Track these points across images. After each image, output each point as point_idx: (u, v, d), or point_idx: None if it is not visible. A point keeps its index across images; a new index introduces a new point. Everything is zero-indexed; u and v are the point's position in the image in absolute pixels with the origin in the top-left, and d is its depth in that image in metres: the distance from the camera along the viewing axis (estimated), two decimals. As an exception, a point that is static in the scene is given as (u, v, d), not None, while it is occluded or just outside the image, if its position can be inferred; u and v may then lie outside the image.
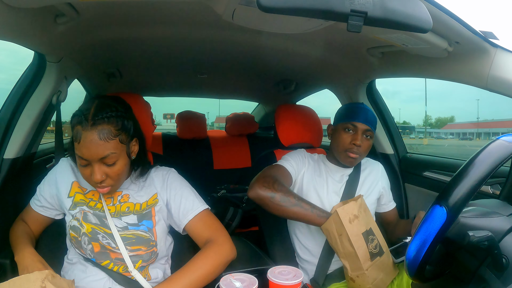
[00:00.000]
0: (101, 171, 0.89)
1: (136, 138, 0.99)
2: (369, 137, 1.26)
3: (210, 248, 0.96)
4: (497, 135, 0.79)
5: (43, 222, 1.09)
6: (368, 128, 1.24)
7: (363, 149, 1.25)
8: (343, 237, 1.02)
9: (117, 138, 0.90)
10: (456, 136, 50.60)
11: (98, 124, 0.87)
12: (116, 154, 0.90)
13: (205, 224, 1.02)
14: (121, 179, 0.97)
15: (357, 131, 1.24)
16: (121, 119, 0.92)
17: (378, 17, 0.65)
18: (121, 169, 0.92)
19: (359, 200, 1.10)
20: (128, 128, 0.94)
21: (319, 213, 1.07)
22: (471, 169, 0.72)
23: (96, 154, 0.87)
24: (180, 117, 2.38)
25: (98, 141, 0.86)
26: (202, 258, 0.94)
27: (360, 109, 1.27)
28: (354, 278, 1.03)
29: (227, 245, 0.98)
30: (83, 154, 0.87)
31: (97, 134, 0.86)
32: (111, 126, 0.89)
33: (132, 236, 0.98)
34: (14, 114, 1.15)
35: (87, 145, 0.86)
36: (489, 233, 0.68)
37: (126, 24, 1.15)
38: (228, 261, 0.97)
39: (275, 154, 1.52)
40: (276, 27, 1.00)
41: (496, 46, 0.98)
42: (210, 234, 1.00)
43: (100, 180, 0.89)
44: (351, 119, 1.25)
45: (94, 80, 1.79)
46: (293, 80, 2.07)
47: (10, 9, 0.78)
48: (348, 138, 1.25)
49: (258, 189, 1.10)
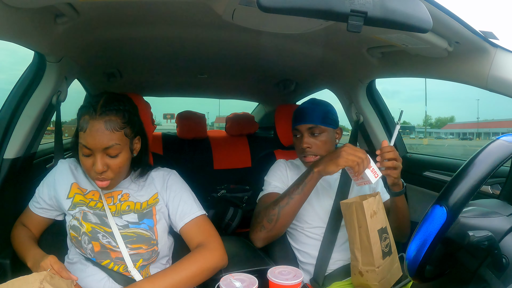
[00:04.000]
0: (103, 161, 0.90)
1: (139, 137, 1.01)
2: (317, 134, 1.23)
3: (199, 252, 0.96)
4: (497, 135, 0.79)
5: (43, 223, 1.09)
6: (310, 126, 1.22)
7: (317, 148, 1.23)
8: (362, 229, 1.03)
9: (122, 130, 0.92)
10: (456, 136, 50.60)
11: (106, 115, 0.89)
12: (120, 146, 0.91)
13: (199, 228, 1.02)
14: (121, 174, 0.97)
15: (302, 133, 1.24)
16: (128, 113, 0.95)
17: (378, 17, 0.65)
18: (122, 163, 0.94)
19: (377, 197, 1.10)
20: (133, 123, 0.97)
21: (306, 178, 1.09)
22: (471, 169, 0.72)
23: (100, 143, 0.88)
24: (180, 117, 2.38)
25: (104, 131, 0.88)
26: (189, 260, 0.94)
27: (300, 111, 1.26)
28: (363, 272, 1.04)
29: (217, 252, 0.97)
30: (88, 143, 0.89)
31: (104, 124, 0.89)
32: (118, 118, 0.91)
33: (133, 234, 0.98)
34: (14, 114, 1.15)
35: (93, 133, 0.88)
36: (489, 233, 0.68)
37: (126, 24, 1.15)
38: (216, 267, 0.96)
39: (275, 154, 1.52)
40: (276, 27, 1.00)
41: (496, 46, 0.98)
42: (203, 239, 0.99)
43: (101, 170, 0.90)
44: (294, 124, 1.27)
45: (94, 80, 1.79)
46: (293, 80, 2.07)
47: (10, 9, 0.78)
48: (298, 144, 1.25)
49: (258, 237, 1.13)
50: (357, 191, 1.29)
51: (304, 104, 1.31)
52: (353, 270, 1.08)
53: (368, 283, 1.05)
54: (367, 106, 1.68)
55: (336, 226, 1.23)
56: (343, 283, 1.20)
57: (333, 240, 1.23)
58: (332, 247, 1.23)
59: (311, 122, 1.23)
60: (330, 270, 1.23)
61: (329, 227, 1.24)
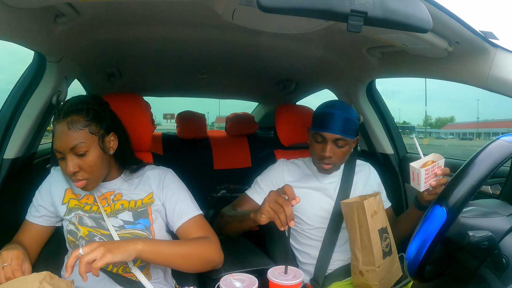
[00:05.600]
0: (73, 162, 0.91)
1: (114, 133, 1.00)
2: (341, 146, 1.17)
3: (201, 239, 0.98)
4: (497, 135, 0.79)
5: (44, 234, 1.05)
6: (339, 137, 1.15)
7: (336, 159, 1.18)
8: (363, 229, 1.03)
9: (86, 128, 0.93)
10: (456, 136, 50.56)
11: (68, 116, 0.92)
12: (85, 144, 0.92)
13: (197, 226, 1.03)
14: (96, 173, 0.96)
15: (326, 141, 1.16)
16: (92, 111, 0.95)
17: (378, 17, 0.65)
18: (93, 161, 0.93)
19: (378, 197, 1.10)
20: (100, 120, 0.96)
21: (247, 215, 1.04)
22: (471, 169, 0.72)
23: (66, 144, 0.90)
24: (180, 117, 2.38)
25: (67, 131, 0.91)
26: (191, 241, 0.97)
27: (331, 116, 1.16)
28: (363, 272, 1.04)
29: (217, 246, 0.99)
30: (57, 146, 0.92)
31: (67, 125, 0.91)
32: (80, 117, 0.93)
33: (129, 235, 0.98)
34: (14, 114, 1.15)
35: (58, 136, 0.91)
36: (489, 233, 0.68)
37: (126, 24, 1.15)
38: (212, 260, 0.97)
39: (275, 154, 1.52)
40: (276, 27, 1.00)
41: (496, 46, 0.98)
42: (203, 234, 1.01)
43: (72, 171, 0.91)
44: (320, 128, 1.17)
45: (94, 80, 1.79)
46: (293, 80, 2.07)
47: (10, 9, 0.78)
48: (318, 148, 1.19)
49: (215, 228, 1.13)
50: (359, 191, 1.29)
51: (331, 108, 1.18)
52: (353, 270, 1.08)
53: (368, 283, 1.05)
54: (367, 106, 1.68)
55: (337, 227, 1.23)
56: (343, 283, 1.21)
57: (333, 241, 1.23)
58: (333, 248, 1.23)
59: (338, 132, 1.15)
60: (330, 270, 1.23)
61: (330, 228, 1.24)
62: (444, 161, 1.05)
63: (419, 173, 1.01)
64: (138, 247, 0.83)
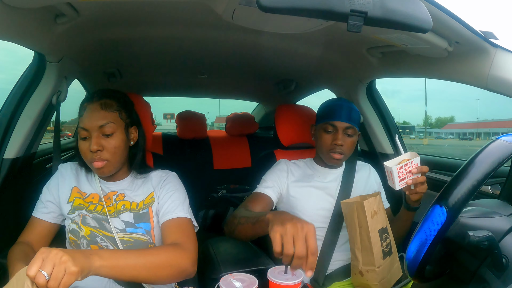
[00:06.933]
0: (98, 140, 0.95)
1: (136, 127, 1.07)
2: (351, 135, 1.24)
3: (172, 246, 0.90)
4: (497, 135, 0.79)
5: (52, 231, 1.04)
6: (348, 125, 1.22)
7: (346, 148, 1.23)
8: (363, 229, 1.03)
9: (117, 112, 1.00)
10: (456, 136, 50.59)
11: (102, 98, 0.99)
12: (114, 125, 0.97)
13: (179, 228, 0.97)
14: (116, 157, 0.98)
15: (337, 130, 1.22)
16: (123, 100, 1.04)
17: (378, 17, 0.65)
18: (117, 144, 0.98)
19: (378, 197, 1.10)
20: (129, 110, 1.05)
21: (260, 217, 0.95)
22: (471, 169, 0.72)
23: (96, 121, 0.95)
24: (180, 117, 2.38)
25: (100, 110, 0.97)
26: (157, 250, 0.88)
27: (339, 107, 1.24)
28: (363, 272, 1.04)
29: (190, 254, 0.90)
30: (85, 124, 0.96)
31: (100, 105, 0.98)
32: (113, 102, 1.00)
33: (130, 239, 0.98)
34: (14, 114, 1.15)
35: (89, 114, 0.97)
36: (489, 233, 0.68)
37: (126, 24, 1.15)
38: (184, 270, 0.87)
39: (275, 154, 1.52)
40: (276, 27, 1.00)
41: (496, 46, 0.98)
42: (179, 238, 0.93)
43: (96, 149, 0.94)
44: (330, 118, 1.23)
45: (94, 80, 1.79)
46: (293, 80, 2.07)
47: (10, 9, 0.78)
48: (329, 139, 1.23)
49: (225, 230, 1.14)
50: (360, 190, 1.29)
51: (337, 101, 1.28)
52: (353, 270, 1.08)
53: (368, 283, 1.05)
54: (367, 106, 1.68)
55: (337, 227, 1.23)
56: (343, 283, 1.20)
57: (334, 241, 1.23)
58: (333, 247, 1.23)
59: (349, 121, 1.22)
60: (330, 270, 1.23)
61: (331, 228, 1.24)
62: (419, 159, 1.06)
63: (391, 171, 1.02)
64: (95, 263, 0.69)
